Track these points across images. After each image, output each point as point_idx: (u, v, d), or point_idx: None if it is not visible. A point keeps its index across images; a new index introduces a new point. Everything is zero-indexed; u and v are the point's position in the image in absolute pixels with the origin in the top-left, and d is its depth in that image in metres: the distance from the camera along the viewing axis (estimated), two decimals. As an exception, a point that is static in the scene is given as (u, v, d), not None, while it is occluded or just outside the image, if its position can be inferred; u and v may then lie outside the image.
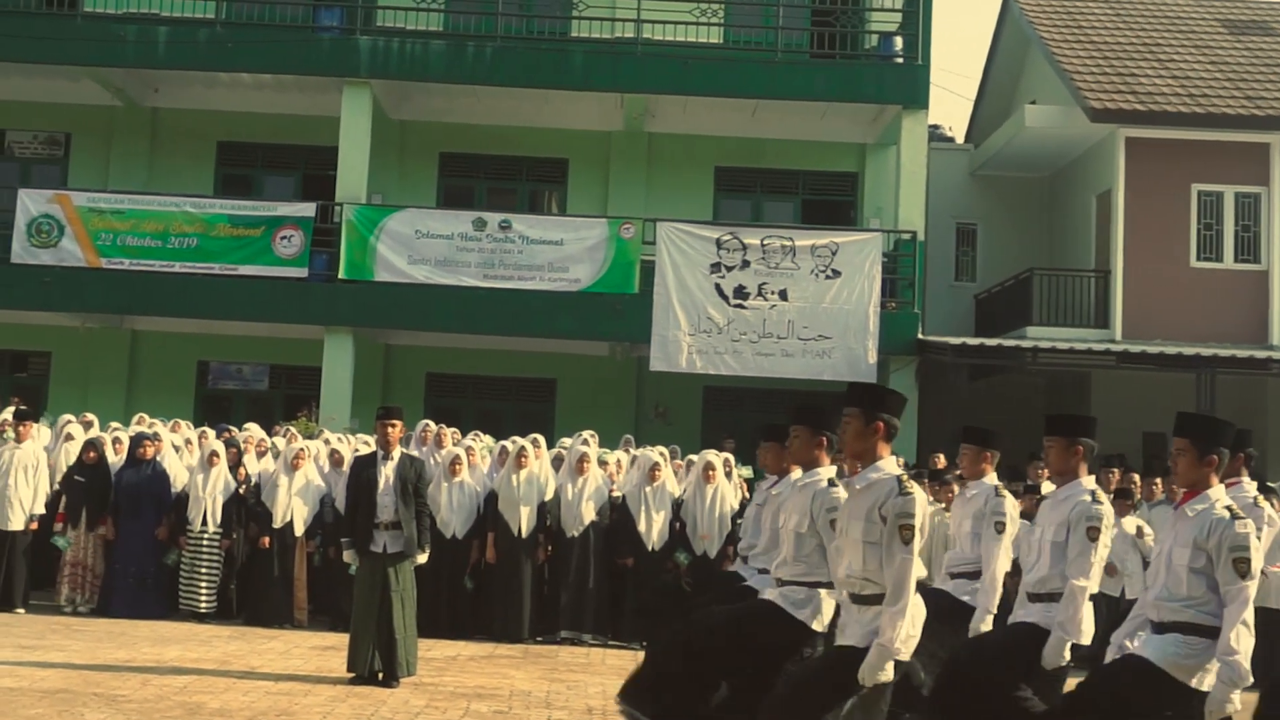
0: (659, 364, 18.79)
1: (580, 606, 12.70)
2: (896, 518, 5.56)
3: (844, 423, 5.85)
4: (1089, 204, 21.48)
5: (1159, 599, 5.75)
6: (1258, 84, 21.11)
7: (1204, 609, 5.59)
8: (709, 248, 18.98)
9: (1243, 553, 5.54)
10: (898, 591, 5.54)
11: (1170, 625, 5.67)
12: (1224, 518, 5.62)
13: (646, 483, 12.88)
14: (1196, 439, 5.81)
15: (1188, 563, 5.64)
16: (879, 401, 5.83)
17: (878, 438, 5.76)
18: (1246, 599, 5.50)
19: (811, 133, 21.36)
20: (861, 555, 5.67)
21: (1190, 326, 19.72)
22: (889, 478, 5.69)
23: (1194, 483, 5.81)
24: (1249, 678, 5.40)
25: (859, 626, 5.68)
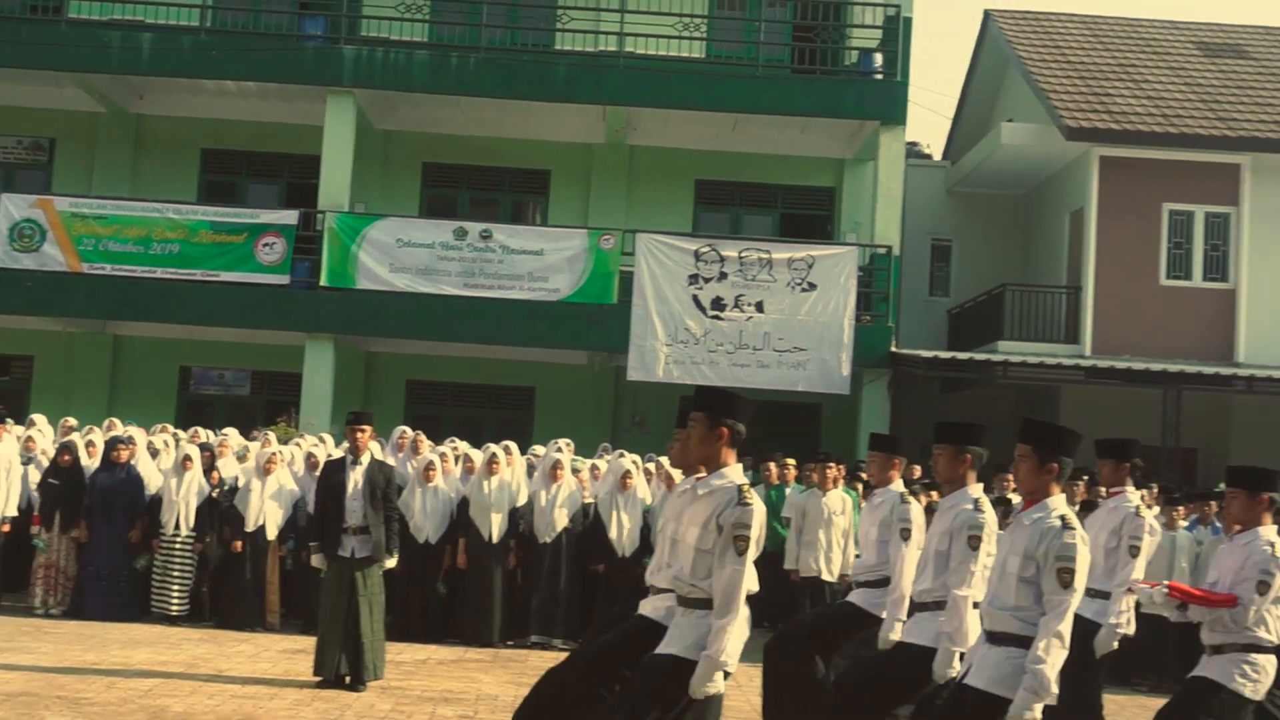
0: (637, 374, 19.00)
1: (551, 611, 12.88)
2: (733, 527, 5.43)
3: (689, 426, 5.75)
4: (1062, 221, 21.76)
5: (989, 606, 5.71)
6: (1230, 105, 21.41)
7: (1030, 620, 5.52)
8: (687, 259, 19.20)
9: (1068, 563, 5.43)
10: (727, 602, 5.42)
11: (1000, 636, 5.61)
12: (1055, 526, 5.52)
13: (618, 490, 13.07)
14: (1038, 446, 5.70)
15: (1018, 571, 5.56)
16: (725, 407, 5.68)
17: (722, 444, 5.63)
18: (1065, 610, 5.42)
19: (791, 147, 21.61)
20: (693, 561, 5.58)
21: (1159, 343, 19.99)
22: (731, 486, 5.55)
23: (1034, 491, 5.70)
24: (1053, 688, 5.35)
25: (689, 631, 5.57)
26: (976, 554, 6.58)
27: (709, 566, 5.53)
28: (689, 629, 5.58)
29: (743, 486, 5.55)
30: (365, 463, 10.40)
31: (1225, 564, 6.84)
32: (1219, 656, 6.60)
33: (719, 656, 5.39)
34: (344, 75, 19.93)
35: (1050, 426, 5.85)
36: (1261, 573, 6.53)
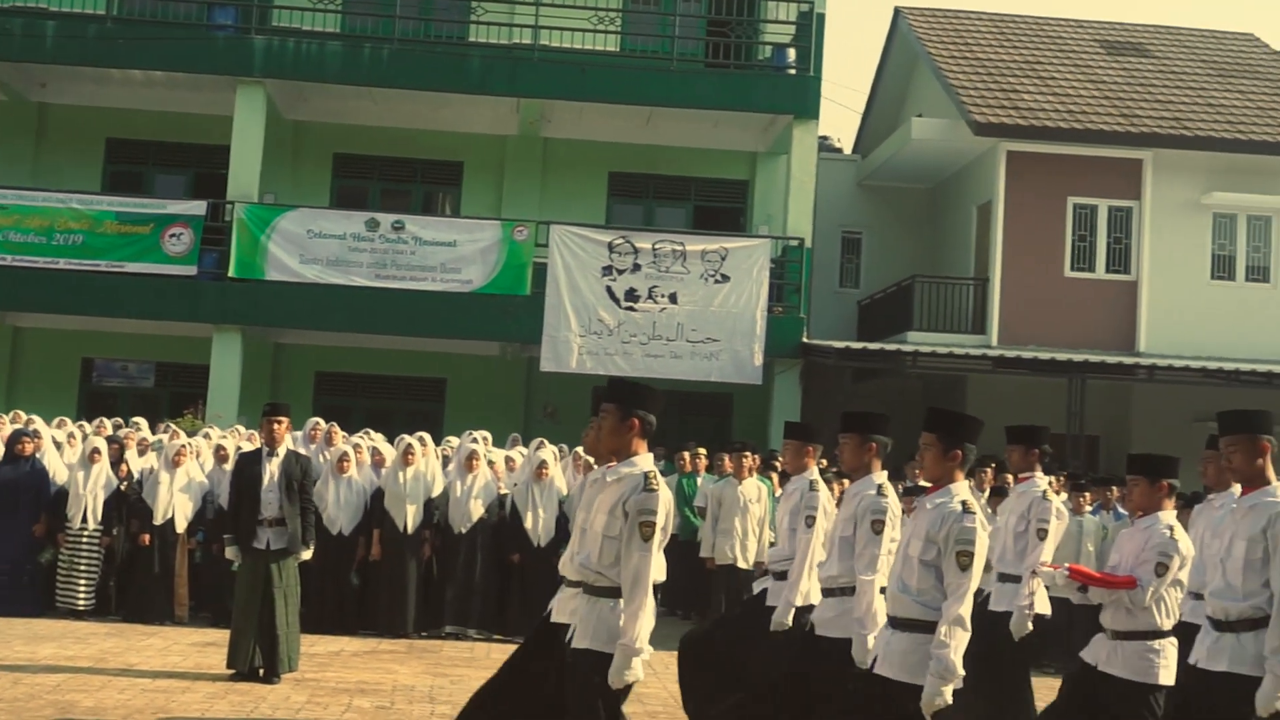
0: (549, 364, 19.00)
1: (466, 602, 12.83)
2: (638, 514, 5.47)
3: (601, 418, 5.79)
4: (970, 214, 22.09)
5: (893, 590, 5.79)
6: (1132, 102, 21.86)
7: (930, 603, 5.60)
8: (601, 251, 19.24)
9: (967, 546, 5.52)
10: (635, 589, 5.45)
11: (902, 621, 5.68)
12: (956, 511, 5.60)
13: (534, 480, 13.06)
14: (942, 434, 5.79)
15: (919, 554, 5.64)
16: (636, 398, 5.73)
17: (633, 434, 5.68)
18: (965, 594, 5.49)
19: (704, 141, 21.72)
20: (599, 548, 5.61)
21: (1063, 333, 20.39)
22: (637, 473, 5.60)
23: (939, 477, 5.79)
24: (959, 671, 5.43)
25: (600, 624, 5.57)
26: (880, 539, 6.66)
27: (616, 554, 5.57)
28: (599, 620, 5.60)
29: (649, 473, 5.60)
30: (282, 454, 10.31)
31: (1126, 547, 6.92)
32: (1123, 645, 6.63)
33: (634, 644, 5.43)
34: (254, 65, 19.69)
35: (954, 415, 5.96)
36: (1160, 555, 6.62)
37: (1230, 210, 21.13)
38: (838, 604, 6.87)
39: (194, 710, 8.86)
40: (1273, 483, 5.91)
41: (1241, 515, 5.93)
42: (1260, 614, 5.73)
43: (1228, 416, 6.08)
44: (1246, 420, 6.01)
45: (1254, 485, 5.94)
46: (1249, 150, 20.92)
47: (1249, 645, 5.72)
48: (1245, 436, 5.94)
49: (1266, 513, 5.79)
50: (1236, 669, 5.73)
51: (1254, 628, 5.73)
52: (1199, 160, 21.07)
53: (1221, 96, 22.31)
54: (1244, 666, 5.71)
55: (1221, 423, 6.06)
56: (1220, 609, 5.89)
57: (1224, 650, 5.81)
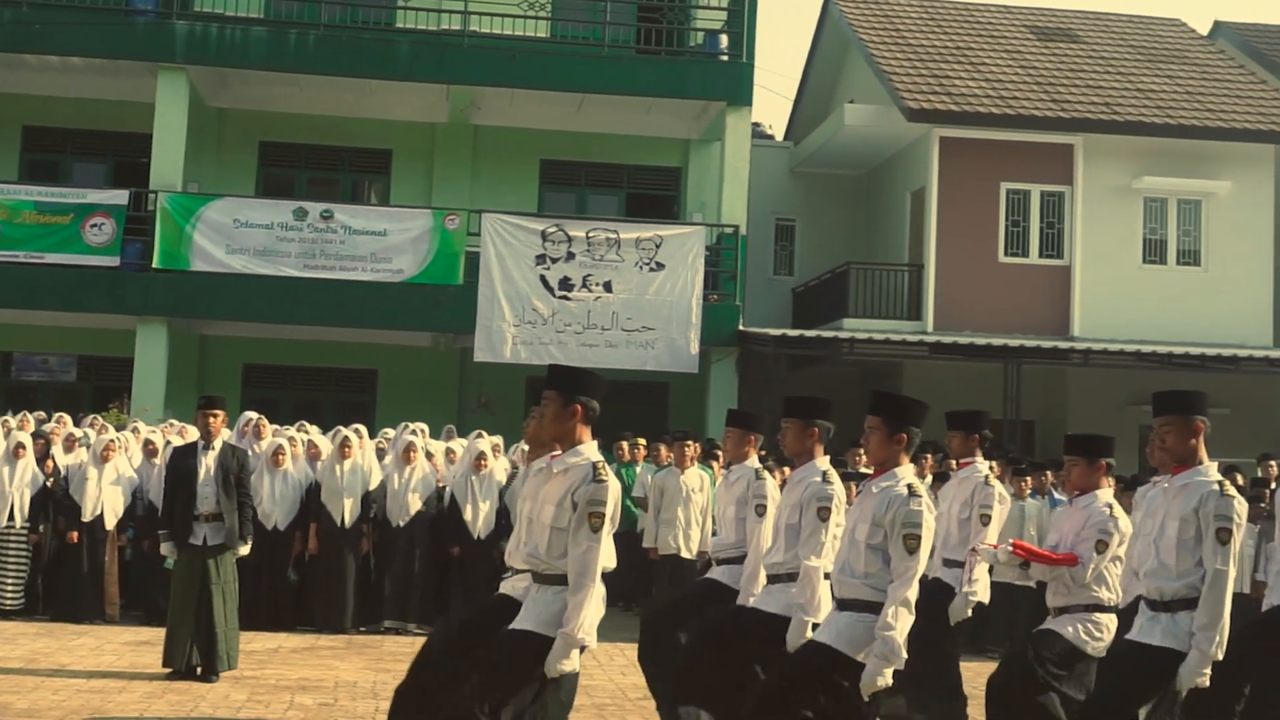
0: (483, 355, 18.75)
1: (405, 596, 12.59)
2: (587, 504, 5.39)
3: (542, 404, 5.66)
4: (904, 201, 22.10)
5: (840, 574, 5.78)
6: (1063, 88, 21.97)
7: (878, 586, 5.62)
8: (534, 240, 19.01)
9: (913, 529, 5.55)
10: (582, 579, 5.37)
11: (849, 603, 5.70)
12: (902, 494, 5.62)
13: (473, 472, 12.83)
14: (888, 417, 5.81)
15: (866, 538, 5.65)
16: (578, 385, 5.62)
17: (576, 420, 5.55)
18: (911, 577, 5.52)
19: (636, 128, 21.54)
20: (548, 539, 5.52)
21: (998, 319, 20.44)
22: (585, 463, 5.49)
23: (884, 460, 5.80)
24: (902, 654, 5.45)
25: (545, 608, 5.49)
26: (826, 525, 6.61)
27: (565, 545, 5.47)
28: (544, 605, 5.50)
29: (597, 463, 5.49)
30: (218, 448, 10.01)
31: (1065, 526, 6.99)
32: (1064, 617, 6.73)
33: (575, 634, 5.34)
34: (176, 51, 19.21)
35: (898, 398, 5.93)
36: (1100, 532, 6.69)
37: (1161, 195, 21.29)
38: (782, 590, 6.81)
39: (131, 710, 8.56)
40: (1205, 463, 5.94)
41: (1174, 495, 5.96)
42: (1195, 593, 5.78)
43: (1162, 397, 6.11)
44: (1180, 401, 6.03)
45: (1186, 465, 5.96)
46: (1178, 135, 21.08)
47: (1184, 624, 5.77)
48: (1179, 417, 5.96)
49: (1199, 492, 5.83)
50: (1168, 644, 5.78)
51: (1188, 607, 5.79)
52: (1129, 145, 21.20)
53: (1150, 82, 22.48)
54: (1176, 642, 5.77)
55: (1156, 403, 6.09)
56: (1155, 589, 5.92)
57: (1157, 628, 5.86)
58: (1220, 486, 5.80)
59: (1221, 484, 5.83)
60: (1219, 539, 5.74)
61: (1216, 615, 5.67)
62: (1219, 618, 5.66)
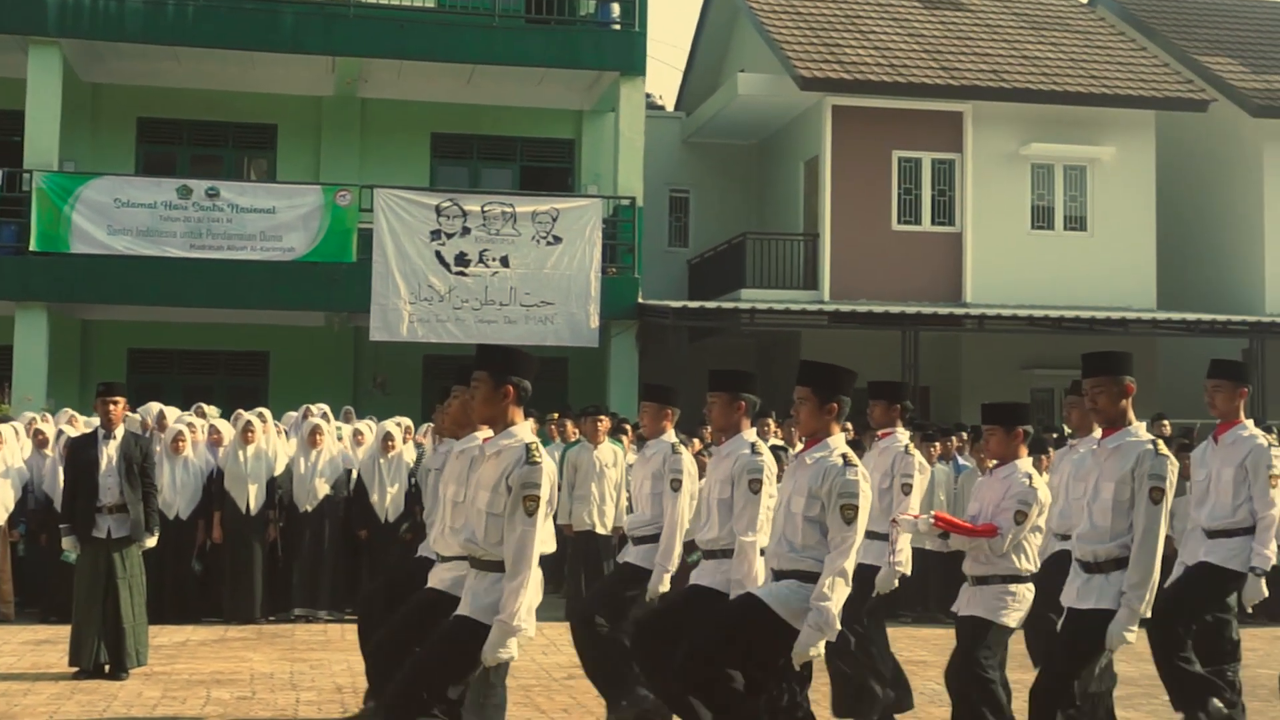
0: (380, 334, 18.40)
1: (315, 583, 12.30)
2: (521, 488, 5.23)
3: (473, 386, 5.48)
4: (797, 170, 22.12)
5: (777, 547, 5.73)
6: (951, 55, 22.13)
7: (817, 557, 5.61)
8: (428, 215, 18.68)
9: (850, 499, 5.54)
10: (518, 564, 5.22)
11: (788, 573, 5.69)
12: (837, 465, 5.62)
13: (381, 454, 12.54)
14: (817, 387, 5.78)
15: (803, 510, 5.64)
16: (509, 364, 5.44)
17: (508, 402, 5.37)
18: (850, 547, 5.51)
19: (528, 99, 21.26)
20: (484, 525, 5.35)
21: (893, 286, 20.58)
22: (519, 445, 5.32)
23: (814, 431, 5.78)
24: (836, 625, 5.44)
25: (483, 594, 5.34)
26: (758, 498, 6.53)
27: (502, 530, 5.31)
28: (483, 592, 5.34)
29: (531, 445, 5.32)
30: (119, 436, 9.63)
31: (986, 496, 6.95)
32: (982, 589, 6.68)
33: (512, 621, 5.18)
34: (48, 24, 18.46)
35: (828, 368, 5.87)
36: (1019, 503, 6.65)
37: (1047, 161, 21.58)
38: (716, 567, 6.70)
39: (40, 713, 8.20)
40: (1134, 423, 5.93)
41: (1106, 456, 5.93)
42: (1128, 553, 5.76)
43: (1092, 358, 6.07)
44: (1110, 361, 6.00)
45: (1116, 426, 5.93)
46: (1064, 101, 21.37)
47: (1117, 584, 5.76)
48: (1109, 378, 5.93)
49: (1133, 452, 5.79)
50: (1103, 605, 5.76)
51: (1120, 567, 5.77)
52: (1017, 112, 21.45)
53: (1036, 49, 22.74)
54: (1108, 602, 5.75)
55: (1086, 364, 6.04)
56: (1088, 551, 5.90)
57: (1093, 590, 5.83)
58: (1154, 446, 5.78)
59: (1155, 443, 5.80)
60: (1151, 498, 5.72)
61: (1147, 574, 5.66)
62: (1149, 576, 5.66)
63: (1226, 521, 7.44)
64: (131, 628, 9.43)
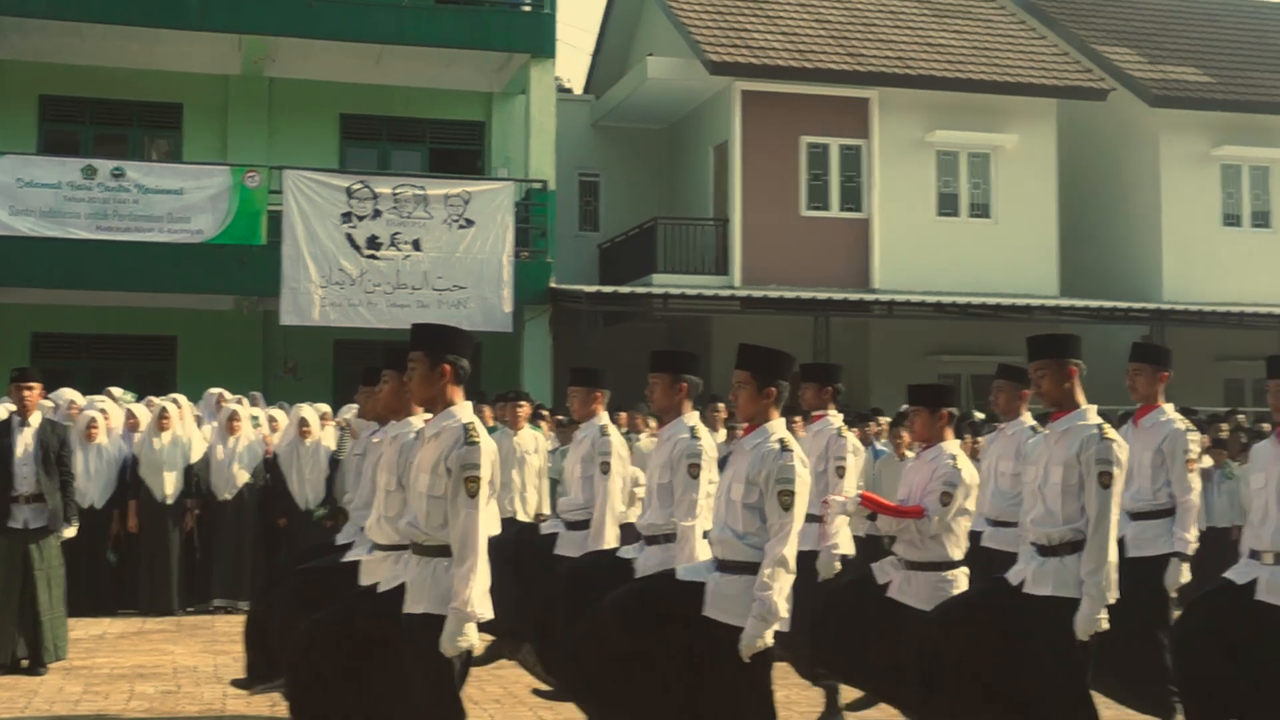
0: (290, 318, 18.21)
1: (235, 572, 12.21)
2: (461, 469, 5.11)
3: (409, 367, 5.41)
4: (707, 155, 22.22)
5: (719, 534, 5.68)
6: (857, 42, 22.34)
7: (758, 545, 5.51)
8: (339, 197, 18.51)
9: (787, 485, 5.45)
10: (465, 549, 5.09)
11: (731, 564, 5.58)
12: (774, 450, 5.54)
13: (298, 440, 12.45)
14: (756, 371, 5.67)
15: (742, 498, 5.55)
16: (444, 342, 5.36)
17: (445, 381, 5.30)
18: (788, 534, 5.44)
19: (438, 80, 21.12)
20: (426, 509, 5.25)
21: (803, 272, 20.76)
22: (457, 425, 5.22)
23: (753, 416, 5.67)
24: (782, 613, 5.40)
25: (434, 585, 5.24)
26: (698, 483, 6.51)
27: (445, 514, 5.22)
28: (434, 582, 5.25)
29: (469, 425, 5.23)
30: (35, 424, 9.44)
31: (914, 479, 6.99)
32: (917, 576, 6.75)
33: (465, 608, 5.09)
34: (-58, -1, 17.99)
35: (767, 351, 5.77)
36: (945, 485, 6.71)
37: (952, 148, 21.90)
38: (660, 551, 6.68)
39: (-39, 713, 8.04)
40: (1082, 406, 5.96)
41: (1055, 440, 5.95)
42: (1080, 537, 5.79)
43: (1037, 341, 6.09)
44: (1055, 345, 6.03)
45: (1064, 409, 5.96)
46: (968, 89, 21.69)
47: (1072, 567, 5.77)
48: (1053, 361, 5.95)
49: (1080, 436, 5.83)
50: (1061, 592, 5.78)
51: (1075, 550, 5.79)
52: (922, 99, 21.73)
53: (939, 37, 23.04)
54: (1067, 589, 5.77)
55: (1031, 347, 6.07)
56: (1042, 535, 5.91)
57: (1048, 575, 5.83)
58: (1100, 430, 5.82)
59: (1101, 427, 5.84)
60: (1100, 483, 5.73)
61: (1103, 559, 5.68)
62: (1104, 561, 5.68)
63: (1148, 504, 7.56)
64: (49, 621, 9.26)
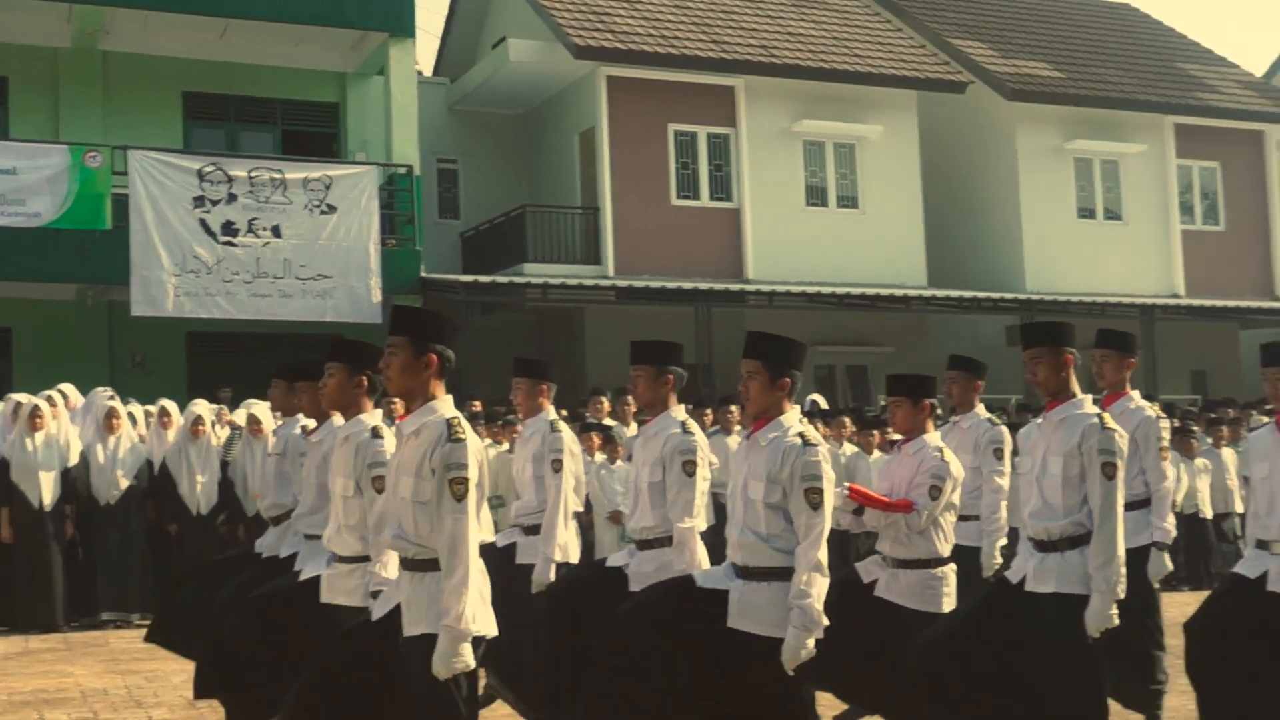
0: (142, 308, 16.88)
1: (123, 584, 11.09)
2: (445, 469, 4.59)
3: (387, 354, 4.83)
4: (572, 142, 21.52)
5: (741, 539, 5.29)
6: (720, 29, 21.96)
7: (783, 548, 5.18)
8: (190, 180, 17.26)
9: (815, 482, 5.12)
10: (454, 559, 4.56)
11: (755, 571, 5.21)
12: (797, 445, 5.17)
13: (189, 441, 11.37)
14: (769, 361, 5.31)
15: (763, 497, 5.19)
16: (434, 330, 4.82)
17: (430, 373, 4.75)
18: (820, 535, 5.11)
19: (287, 59, 19.97)
20: (413, 516, 4.71)
21: (677, 262, 20.28)
22: (439, 421, 4.69)
23: (765, 409, 5.31)
24: (823, 620, 5.07)
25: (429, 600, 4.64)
26: (694, 480, 6.07)
27: (431, 521, 4.62)
28: (429, 600, 4.61)
29: (452, 420, 4.63)
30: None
31: (897, 473, 6.69)
32: (905, 574, 6.44)
33: (458, 624, 4.46)
34: None
35: (780, 339, 5.41)
36: (933, 478, 6.44)
37: (818, 138, 21.72)
38: (656, 556, 6.16)
39: None
40: (1078, 395, 5.77)
41: (1052, 431, 5.74)
42: (1082, 530, 5.58)
43: (1031, 329, 5.88)
44: (1051, 332, 5.82)
45: (1059, 399, 5.76)
46: (831, 79, 21.53)
47: (1075, 562, 5.56)
48: (1049, 349, 5.74)
49: (1079, 426, 5.63)
50: (1065, 589, 5.55)
51: (1076, 544, 5.58)
52: (787, 88, 21.48)
53: (800, 26, 22.84)
54: (1072, 585, 5.55)
55: (1025, 336, 5.86)
56: (1042, 529, 5.67)
57: (1051, 570, 5.60)
58: (1100, 420, 5.61)
59: (1101, 417, 5.64)
60: (1105, 474, 5.54)
61: (1112, 552, 5.47)
62: (1114, 554, 5.47)
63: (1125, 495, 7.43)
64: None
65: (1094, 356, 7.48)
